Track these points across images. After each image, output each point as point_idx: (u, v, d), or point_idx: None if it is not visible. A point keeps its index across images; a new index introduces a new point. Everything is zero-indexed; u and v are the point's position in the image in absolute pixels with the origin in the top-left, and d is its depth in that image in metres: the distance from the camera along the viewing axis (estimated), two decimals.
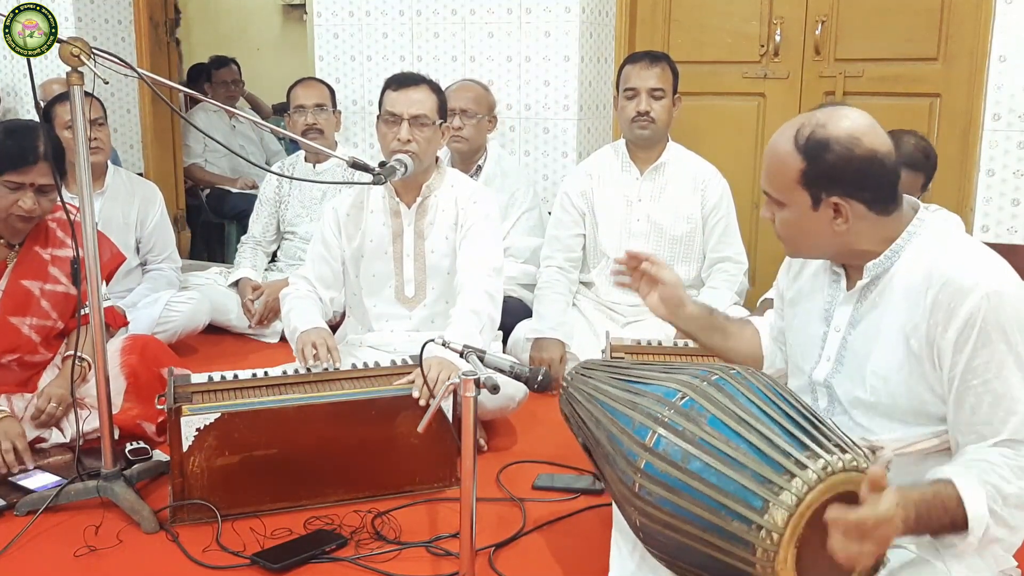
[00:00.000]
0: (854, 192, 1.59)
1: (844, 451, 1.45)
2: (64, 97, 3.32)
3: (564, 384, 1.94)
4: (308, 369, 2.43)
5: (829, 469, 1.42)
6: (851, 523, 1.33)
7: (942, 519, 1.45)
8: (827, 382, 1.74)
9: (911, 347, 1.59)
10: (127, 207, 3.61)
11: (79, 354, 2.42)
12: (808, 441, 1.46)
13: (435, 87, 2.74)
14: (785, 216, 1.67)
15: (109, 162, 3.58)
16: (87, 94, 2.05)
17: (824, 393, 1.76)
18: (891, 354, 1.62)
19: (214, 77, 5.67)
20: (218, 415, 2.17)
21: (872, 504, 1.33)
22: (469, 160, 3.65)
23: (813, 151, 1.58)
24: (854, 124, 1.59)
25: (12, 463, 2.34)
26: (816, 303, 1.79)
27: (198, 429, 2.15)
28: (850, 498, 1.44)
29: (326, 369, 2.43)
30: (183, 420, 2.14)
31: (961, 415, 1.54)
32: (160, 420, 2.57)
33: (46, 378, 2.61)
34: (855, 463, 1.44)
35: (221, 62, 5.75)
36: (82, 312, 2.60)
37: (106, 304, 2.64)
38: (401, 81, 2.70)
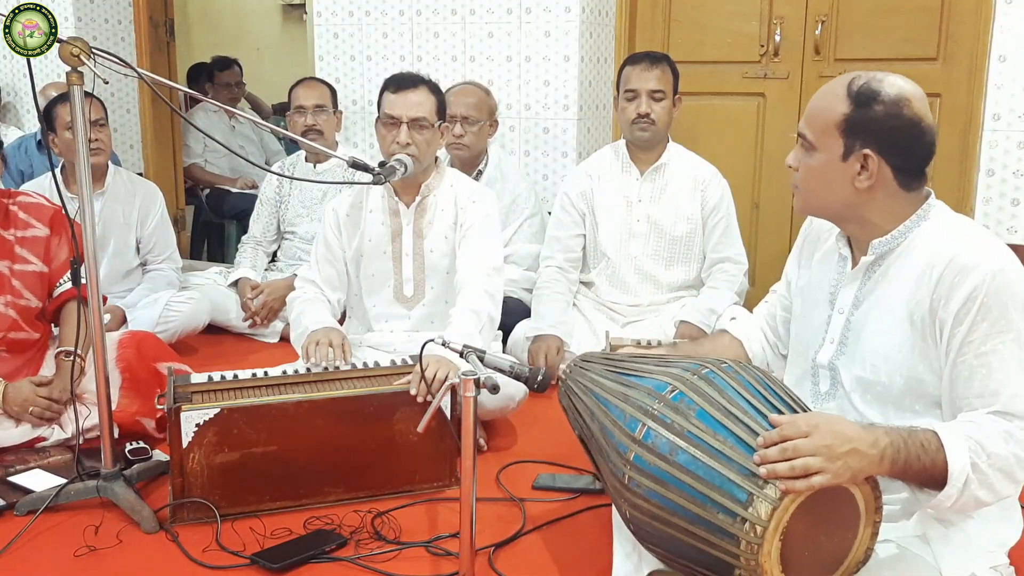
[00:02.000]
0: (887, 152, 1.59)
1: None
2: (65, 97, 3.33)
3: (563, 377, 1.95)
4: (308, 369, 2.43)
5: None
6: (775, 437, 1.43)
7: (923, 461, 1.47)
8: (831, 364, 1.74)
9: (914, 323, 1.59)
10: (128, 207, 3.61)
11: (71, 349, 2.42)
12: None
13: (434, 88, 2.74)
14: (811, 162, 1.66)
15: (109, 162, 3.58)
16: (89, 95, 2.05)
17: (827, 376, 1.75)
18: (893, 332, 1.63)
19: (217, 78, 5.67)
20: (218, 410, 2.17)
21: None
22: (470, 166, 3.63)
23: (863, 98, 1.59)
24: (909, 88, 1.61)
25: (49, 416, 2.47)
26: (822, 288, 1.79)
27: (198, 424, 2.15)
28: (836, 491, 1.45)
29: (338, 367, 2.43)
30: (183, 415, 2.14)
31: (955, 388, 1.56)
32: (159, 415, 2.58)
33: (46, 371, 2.63)
34: None
35: (224, 63, 5.75)
36: (56, 293, 2.61)
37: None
38: (399, 83, 2.70)
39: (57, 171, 3.36)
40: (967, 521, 1.60)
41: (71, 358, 2.38)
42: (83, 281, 2.18)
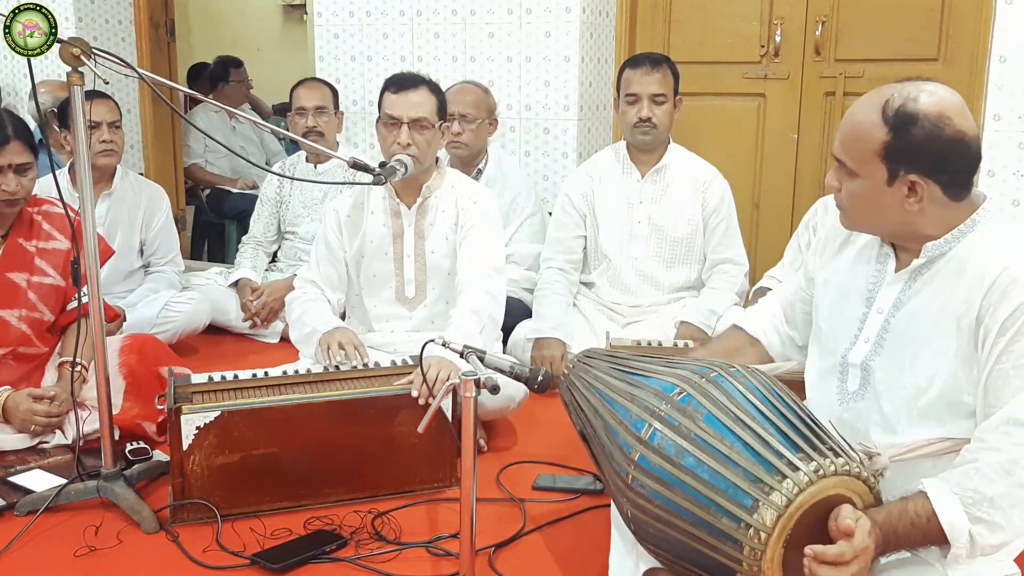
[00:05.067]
0: (934, 173, 1.55)
1: (838, 455, 1.45)
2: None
3: (566, 371, 1.94)
4: (309, 369, 2.43)
5: (821, 472, 1.42)
6: (830, 557, 1.38)
7: (913, 535, 1.46)
8: (865, 364, 1.70)
9: (961, 328, 1.56)
10: (133, 209, 3.61)
11: (76, 359, 2.41)
12: (802, 443, 1.46)
13: (434, 88, 2.74)
14: (855, 188, 1.62)
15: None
16: (106, 96, 2.03)
17: (857, 375, 1.71)
18: (940, 338, 1.59)
19: (233, 75, 5.67)
20: (218, 413, 2.17)
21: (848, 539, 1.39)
22: (469, 164, 3.64)
23: (901, 124, 1.54)
24: (946, 102, 1.55)
25: (50, 423, 2.46)
26: (857, 283, 1.75)
27: (198, 427, 2.15)
28: (839, 499, 1.44)
29: (366, 365, 2.43)
30: (183, 418, 2.14)
31: (988, 397, 1.53)
32: (160, 419, 2.58)
33: (48, 379, 2.62)
34: (848, 467, 1.44)
35: (236, 61, 5.75)
36: (70, 307, 2.61)
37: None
38: (400, 83, 2.69)
39: (64, 171, 3.39)
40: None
41: (73, 367, 2.38)
42: (83, 287, 2.17)
